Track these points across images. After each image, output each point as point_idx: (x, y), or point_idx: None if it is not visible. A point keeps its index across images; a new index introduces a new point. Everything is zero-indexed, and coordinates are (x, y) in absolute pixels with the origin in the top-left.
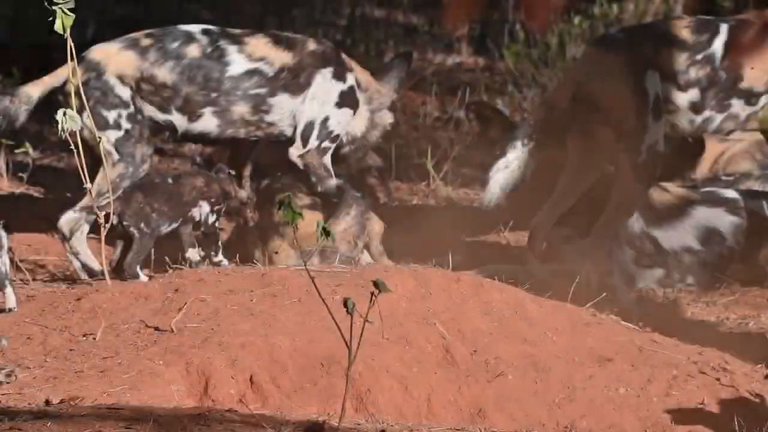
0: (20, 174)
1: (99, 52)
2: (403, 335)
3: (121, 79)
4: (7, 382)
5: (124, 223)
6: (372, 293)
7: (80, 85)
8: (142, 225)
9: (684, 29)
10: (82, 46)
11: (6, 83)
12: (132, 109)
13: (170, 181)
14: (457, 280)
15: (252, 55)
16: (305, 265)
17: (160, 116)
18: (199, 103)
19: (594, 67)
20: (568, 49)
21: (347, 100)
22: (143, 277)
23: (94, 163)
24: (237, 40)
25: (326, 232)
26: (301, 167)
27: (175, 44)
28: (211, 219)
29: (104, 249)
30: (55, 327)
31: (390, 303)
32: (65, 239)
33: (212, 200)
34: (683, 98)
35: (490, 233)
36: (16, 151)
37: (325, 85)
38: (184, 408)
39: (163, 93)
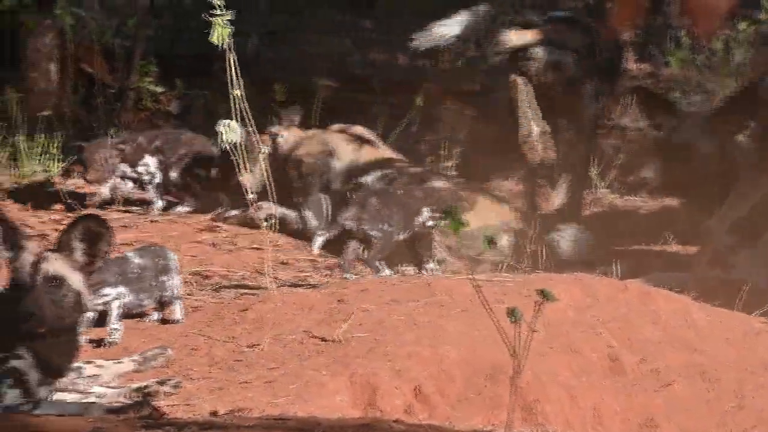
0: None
1: None
2: (569, 344)
3: None
4: (174, 393)
5: (364, 227)
6: (538, 302)
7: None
8: (382, 226)
9: None
10: (243, 57)
11: (169, 95)
12: None
13: (400, 192)
14: (624, 288)
15: None
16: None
17: None
18: None
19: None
20: (733, 54)
21: None
22: (387, 272)
23: None
24: None
25: (490, 242)
26: None
27: None
28: (429, 223)
29: (269, 259)
30: (221, 338)
31: (556, 312)
32: None
33: (433, 206)
34: None
35: (657, 241)
36: None
37: None
38: (350, 419)
39: None
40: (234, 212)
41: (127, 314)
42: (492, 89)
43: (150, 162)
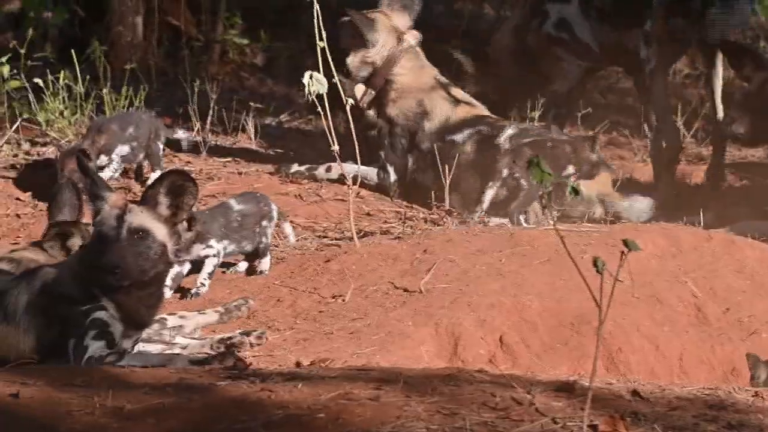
0: (267, 137)
1: None
2: (653, 294)
3: None
4: (258, 344)
5: (516, 175)
6: (622, 252)
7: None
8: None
9: None
10: (328, 8)
11: (254, 47)
12: None
13: (549, 144)
14: (708, 237)
15: None
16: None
17: None
18: None
19: None
20: None
21: None
22: (525, 225)
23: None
24: None
25: (575, 191)
26: None
27: None
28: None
29: (352, 210)
30: (305, 289)
31: (640, 262)
32: None
33: (577, 166)
34: None
35: (741, 190)
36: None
37: None
38: (434, 369)
39: None
40: (296, 167)
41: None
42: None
43: (123, 150)
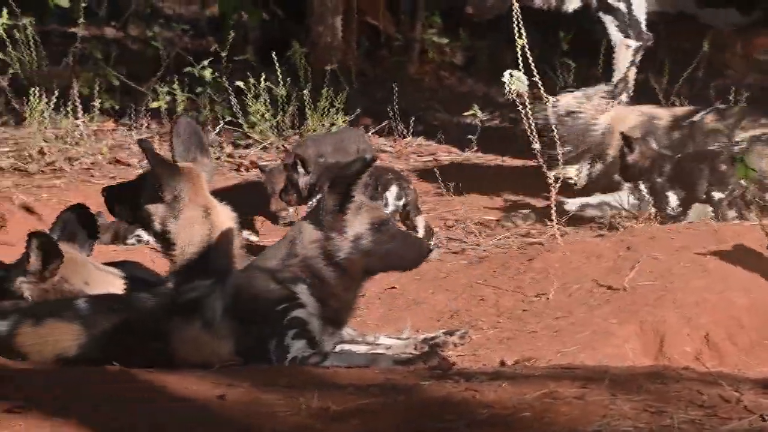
0: (469, 137)
1: None
2: None
3: None
4: (462, 344)
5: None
6: None
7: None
8: None
9: None
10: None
11: (453, 46)
12: None
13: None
14: None
15: None
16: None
17: None
18: None
19: None
20: None
21: None
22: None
23: None
24: None
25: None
26: None
27: None
28: None
29: (554, 206)
30: (508, 288)
31: None
32: None
33: None
34: None
35: None
36: (465, 114)
37: None
38: (639, 367)
39: None
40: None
41: None
42: None
43: None
